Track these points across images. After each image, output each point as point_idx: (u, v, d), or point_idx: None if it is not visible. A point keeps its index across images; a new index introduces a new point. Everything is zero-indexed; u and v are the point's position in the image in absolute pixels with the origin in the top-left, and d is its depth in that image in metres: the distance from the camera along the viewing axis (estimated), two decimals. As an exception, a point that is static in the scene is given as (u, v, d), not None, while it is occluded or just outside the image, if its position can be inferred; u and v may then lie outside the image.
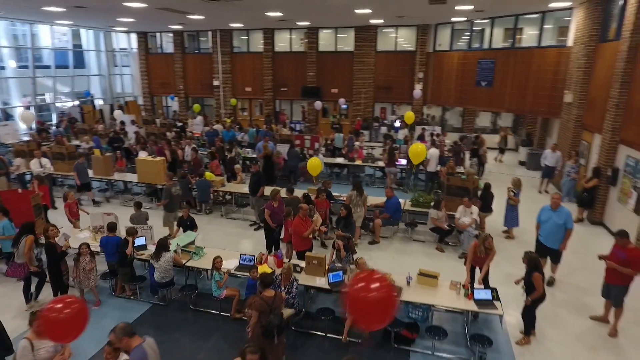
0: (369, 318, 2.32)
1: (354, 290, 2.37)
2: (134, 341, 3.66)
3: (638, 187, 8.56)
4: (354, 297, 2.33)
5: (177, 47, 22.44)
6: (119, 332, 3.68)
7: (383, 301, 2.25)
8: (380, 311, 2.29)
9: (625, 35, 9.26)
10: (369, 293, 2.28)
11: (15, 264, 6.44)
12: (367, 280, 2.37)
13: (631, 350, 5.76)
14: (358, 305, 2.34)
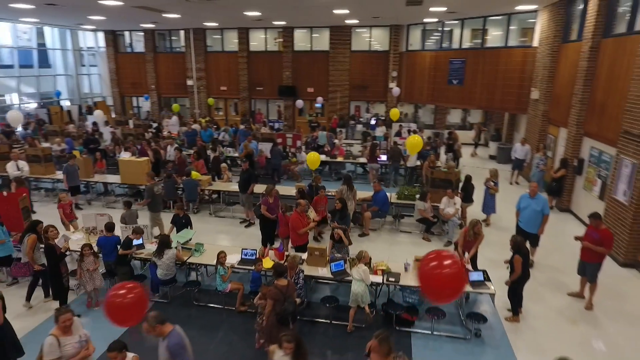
0: (443, 293, 2.57)
1: (429, 268, 2.62)
2: (167, 327, 3.81)
3: (602, 175, 9.35)
4: (429, 275, 2.57)
5: (149, 46, 21.99)
6: (152, 320, 3.81)
7: (455, 276, 2.51)
8: (453, 286, 2.55)
9: (587, 37, 10.07)
10: (443, 270, 2.55)
11: (20, 263, 6.33)
12: (439, 259, 2.63)
13: (606, 321, 6.38)
14: (433, 282, 2.58)
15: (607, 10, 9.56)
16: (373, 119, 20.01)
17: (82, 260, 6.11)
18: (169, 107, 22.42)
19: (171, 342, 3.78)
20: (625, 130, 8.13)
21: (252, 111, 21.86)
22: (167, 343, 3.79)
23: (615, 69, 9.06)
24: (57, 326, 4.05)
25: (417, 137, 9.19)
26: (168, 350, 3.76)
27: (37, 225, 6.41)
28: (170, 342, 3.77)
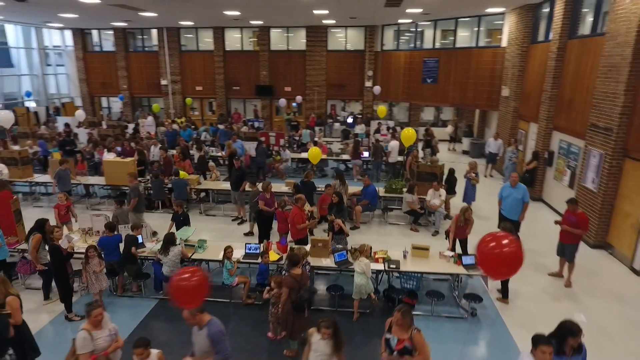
0: (503, 270, 2.86)
1: (489, 248, 2.91)
2: (205, 316, 3.98)
3: (571, 165, 10.15)
4: (489, 255, 2.85)
5: (119, 45, 21.43)
6: (193, 309, 3.96)
7: (515, 254, 2.81)
8: (514, 262, 2.84)
9: (554, 38, 10.86)
10: (503, 249, 2.86)
11: (25, 260, 6.23)
12: (497, 239, 2.93)
13: (583, 297, 7.02)
14: (494, 260, 2.87)
15: (572, 13, 10.37)
16: (350, 117, 20.49)
17: (87, 262, 6.07)
18: (143, 107, 21.99)
19: (212, 330, 3.94)
20: (592, 124, 8.89)
21: (227, 111, 21.77)
22: (207, 332, 3.94)
23: (581, 67, 9.86)
24: (89, 320, 4.11)
25: (411, 129, 9.64)
26: (209, 338, 3.92)
27: (44, 224, 6.32)
28: (210, 330, 3.94)
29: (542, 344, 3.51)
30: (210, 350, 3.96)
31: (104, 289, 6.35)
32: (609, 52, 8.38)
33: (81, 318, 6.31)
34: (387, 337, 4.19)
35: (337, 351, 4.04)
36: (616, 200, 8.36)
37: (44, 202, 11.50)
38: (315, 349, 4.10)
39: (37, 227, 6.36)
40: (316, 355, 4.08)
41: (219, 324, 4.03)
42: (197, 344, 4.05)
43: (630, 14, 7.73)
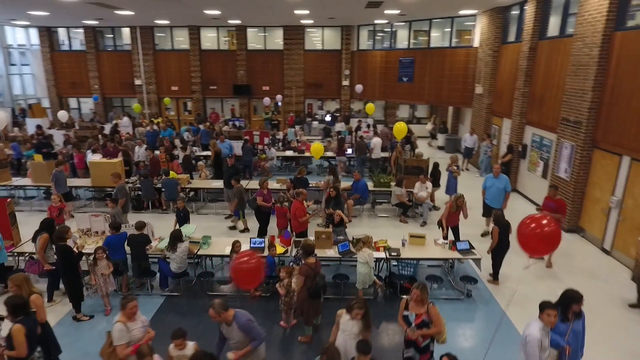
0: (542, 248, 3.24)
1: (530, 229, 3.28)
2: (230, 312, 4.17)
3: (544, 157, 10.94)
4: (531, 235, 3.22)
5: (90, 44, 20.79)
6: (218, 307, 4.14)
7: (553, 233, 3.20)
8: (552, 241, 3.22)
9: (525, 39, 11.64)
10: (543, 228, 3.24)
11: (32, 260, 6.16)
12: (537, 221, 3.31)
13: (563, 275, 7.69)
14: (534, 239, 3.24)
15: (542, 16, 11.16)
16: (328, 115, 20.86)
17: (95, 264, 6.07)
18: (117, 108, 21.47)
19: (241, 321, 4.14)
20: (563, 118, 9.66)
21: (204, 111, 21.62)
22: (236, 325, 4.13)
23: (551, 66, 10.65)
24: (124, 313, 4.22)
25: (403, 123, 10.09)
26: (241, 330, 4.12)
27: (50, 224, 6.26)
28: (240, 322, 4.14)
29: (547, 308, 3.97)
30: (245, 340, 4.17)
31: (109, 292, 6.33)
32: (577, 52, 9.14)
33: (89, 318, 6.32)
34: (405, 315, 4.54)
35: (365, 330, 4.35)
36: (587, 187, 9.14)
37: (23, 205, 11.12)
38: (344, 329, 4.39)
39: (43, 227, 6.31)
40: (344, 335, 4.37)
41: (244, 313, 4.23)
42: (232, 338, 4.22)
43: (595, 19, 8.49)
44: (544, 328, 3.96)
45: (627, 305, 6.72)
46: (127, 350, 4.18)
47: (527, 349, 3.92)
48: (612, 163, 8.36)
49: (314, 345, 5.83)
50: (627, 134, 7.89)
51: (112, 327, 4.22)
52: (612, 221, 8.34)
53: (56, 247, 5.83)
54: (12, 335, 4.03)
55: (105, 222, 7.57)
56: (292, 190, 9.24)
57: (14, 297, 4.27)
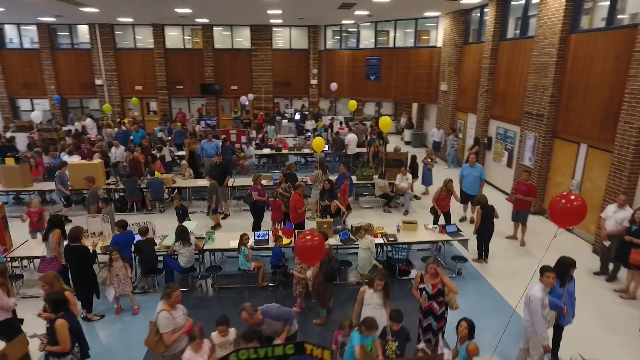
0: (573, 220, 3.82)
1: (562, 204, 3.84)
2: (259, 313, 4.47)
3: (508, 148, 11.99)
4: (562, 209, 3.78)
5: (44, 42, 19.71)
6: (250, 309, 4.41)
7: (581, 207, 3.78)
8: (582, 212, 3.80)
9: (487, 40, 12.65)
10: (574, 202, 3.81)
11: (47, 259, 6.05)
12: (566, 197, 3.89)
13: (535, 252, 8.59)
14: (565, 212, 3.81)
15: (502, 19, 12.20)
16: (297, 113, 21.19)
17: (111, 265, 6.08)
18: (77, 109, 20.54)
19: (272, 314, 4.46)
20: (526, 111, 10.69)
21: (170, 111, 21.20)
22: (269, 320, 4.43)
23: (512, 65, 11.69)
24: (168, 301, 4.38)
25: (388, 118, 10.65)
26: (275, 321, 4.43)
27: (60, 220, 6.21)
28: (272, 315, 4.45)
29: (547, 271, 4.63)
30: (280, 326, 4.50)
31: (128, 293, 6.33)
32: (538, 52, 10.16)
33: (100, 317, 6.30)
34: (421, 287, 5.05)
35: (386, 300, 4.79)
36: (549, 173, 10.20)
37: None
38: (369, 302, 4.82)
39: (53, 224, 6.27)
40: (370, 308, 4.79)
41: (268, 306, 4.57)
42: (267, 330, 4.50)
43: (553, 22, 9.51)
44: (544, 289, 4.61)
45: (592, 274, 7.68)
46: (173, 337, 4.36)
47: (531, 307, 4.55)
48: (571, 151, 9.42)
49: (328, 326, 6.21)
50: (584, 125, 8.95)
51: (157, 316, 4.36)
52: (572, 202, 9.40)
53: (71, 247, 5.78)
54: (57, 330, 4.09)
55: (104, 223, 7.50)
56: (283, 184, 9.54)
57: (54, 293, 4.31)
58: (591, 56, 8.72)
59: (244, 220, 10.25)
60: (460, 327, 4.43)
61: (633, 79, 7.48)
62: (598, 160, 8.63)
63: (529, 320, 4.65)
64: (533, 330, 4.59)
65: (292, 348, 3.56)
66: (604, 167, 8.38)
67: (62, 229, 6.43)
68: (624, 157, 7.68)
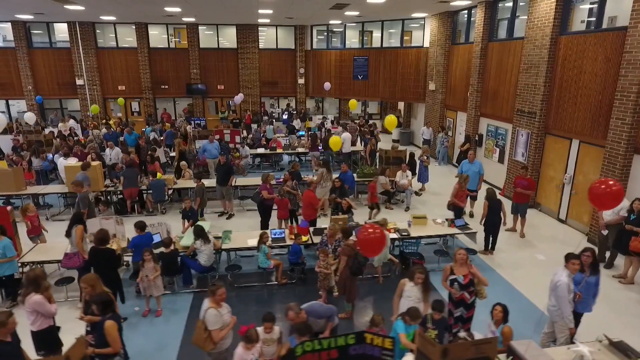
0: (611, 203, 4.13)
1: (602, 189, 4.13)
2: (304, 312, 4.59)
3: (500, 144, 12.49)
4: (602, 194, 4.08)
5: (20, 40, 18.88)
6: (296, 308, 4.55)
7: (620, 190, 4.08)
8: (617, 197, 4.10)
9: (477, 40, 13.12)
10: (611, 187, 4.10)
11: (70, 254, 5.96)
12: (605, 182, 4.19)
13: (535, 242, 9.04)
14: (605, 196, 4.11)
15: (491, 21, 12.69)
16: (285, 113, 21.22)
17: (142, 266, 6.02)
18: (57, 110, 19.84)
19: (317, 311, 4.59)
20: (518, 109, 11.18)
21: (155, 111, 20.77)
22: (313, 318, 4.56)
23: (502, 65, 12.18)
24: (214, 299, 4.42)
25: (393, 116, 10.89)
26: (319, 318, 4.56)
27: (81, 216, 6.12)
28: (316, 313, 4.58)
29: (572, 258, 4.95)
30: (324, 323, 4.62)
31: (155, 295, 6.27)
32: (528, 52, 10.65)
33: (124, 319, 6.20)
34: (452, 278, 5.27)
35: (426, 294, 4.99)
36: (541, 168, 10.72)
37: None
38: (408, 295, 5.00)
39: (75, 220, 6.27)
40: (410, 301, 4.97)
41: (311, 304, 4.71)
42: (317, 327, 4.62)
43: (544, 24, 10.01)
44: (569, 275, 4.93)
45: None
46: (221, 334, 4.40)
47: (558, 292, 4.85)
48: (563, 146, 9.95)
49: (352, 320, 6.37)
50: (576, 122, 9.47)
51: (205, 313, 4.40)
52: (565, 195, 9.94)
53: (98, 250, 5.69)
54: (107, 331, 4.06)
55: (117, 225, 7.39)
56: (289, 182, 9.61)
57: (101, 295, 4.27)
58: (581, 57, 9.25)
59: (249, 219, 10.28)
60: (495, 311, 4.69)
61: (623, 78, 8.00)
62: (590, 155, 9.16)
63: (554, 304, 4.95)
64: (559, 314, 4.89)
65: (353, 338, 3.69)
66: (596, 161, 8.91)
67: (85, 225, 6.34)
68: (616, 151, 8.20)
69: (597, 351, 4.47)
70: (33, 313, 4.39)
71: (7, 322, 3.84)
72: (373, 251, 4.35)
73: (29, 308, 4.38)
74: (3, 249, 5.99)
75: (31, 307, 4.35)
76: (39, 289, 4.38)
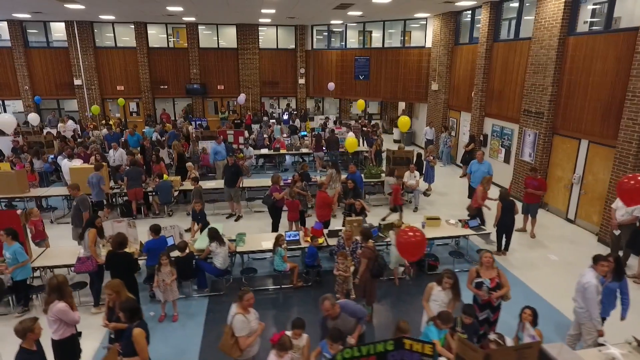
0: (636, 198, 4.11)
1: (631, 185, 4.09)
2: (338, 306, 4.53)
3: (505, 144, 12.51)
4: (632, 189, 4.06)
5: (17, 39, 18.57)
6: (332, 299, 4.48)
7: None
8: None
9: (482, 40, 13.13)
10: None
11: (83, 257, 5.82)
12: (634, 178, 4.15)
13: (546, 242, 9.05)
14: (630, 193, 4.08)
15: (496, 21, 12.71)
16: (285, 113, 21.11)
17: (159, 270, 5.90)
18: (55, 110, 19.55)
19: (351, 308, 4.52)
20: (525, 110, 11.20)
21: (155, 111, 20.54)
22: (346, 314, 4.47)
23: (508, 65, 12.20)
24: (241, 305, 4.33)
25: (406, 117, 10.85)
26: (352, 316, 4.48)
27: (96, 219, 5.99)
28: (350, 310, 4.50)
29: (601, 260, 4.93)
30: (354, 324, 4.55)
31: (171, 300, 6.15)
32: (535, 53, 10.67)
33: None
34: (478, 282, 5.22)
35: (455, 299, 4.93)
36: (549, 168, 10.74)
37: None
38: (435, 299, 4.94)
39: (90, 222, 6.17)
40: (436, 304, 4.92)
41: (345, 302, 4.64)
42: (343, 326, 4.51)
43: (551, 25, 10.03)
44: (597, 276, 4.91)
45: (602, 261, 8.18)
46: (248, 341, 4.31)
47: (587, 294, 4.83)
48: (571, 146, 9.98)
49: (372, 322, 6.31)
50: (585, 122, 9.50)
51: (232, 319, 4.31)
52: (574, 195, 9.97)
53: (116, 254, 5.57)
54: (136, 339, 3.95)
55: (129, 228, 7.25)
56: (299, 183, 9.53)
57: (128, 302, 4.16)
58: (590, 57, 9.27)
59: (258, 221, 10.19)
60: (524, 315, 4.65)
61: (635, 79, 8.03)
62: (599, 155, 9.19)
63: (582, 306, 4.93)
64: (587, 315, 4.88)
65: (392, 344, 3.63)
66: (606, 161, 8.95)
67: (98, 228, 6.22)
68: (628, 151, 8.23)
69: (628, 353, 4.46)
70: (56, 321, 4.27)
71: (34, 327, 3.73)
72: (413, 255, 4.30)
73: (52, 316, 4.25)
74: (13, 254, 5.84)
75: (55, 315, 4.23)
76: (63, 296, 4.26)
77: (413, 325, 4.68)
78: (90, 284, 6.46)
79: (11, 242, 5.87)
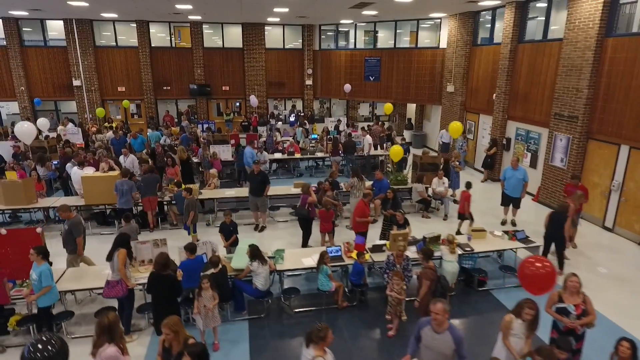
0: None
1: None
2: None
3: (531, 149, 12.14)
4: None
5: (12, 38, 17.69)
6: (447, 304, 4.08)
7: None
8: None
9: (505, 41, 12.74)
10: None
11: (113, 282, 5.24)
12: None
13: (589, 253, 8.63)
14: None
15: (521, 22, 12.32)
16: (292, 115, 20.54)
17: (199, 294, 5.33)
18: (54, 113, 18.71)
19: (457, 333, 4.02)
20: (556, 113, 10.82)
21: (157, 113, 19.79)
22: (451, 335, 3.98)
23: (535, 67, 11.81)
24: (321, 346, 3.81)
25: (458, 123, 10.44)
26: (455, 341, 3.98)
27: (128, 239, 5.40)
28: (455, 334, 4.00)
29: None
30: (451, 355, 4.05)
31: (210, 327, 5.56)
32: (568, 54, 10.29)
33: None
34: (560, 307, 4.76)
35: (531, 330, 4.41)
36: (583, 174, 10.36)
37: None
38: (515, 333, 4.42)
39: (120, 242, 5.58)
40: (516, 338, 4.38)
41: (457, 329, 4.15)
42: (435, 348, 4.04)
43: (588, 26, 9.64)
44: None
45: (651, 271, 7.82)
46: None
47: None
48: (610, 152, 9.61)
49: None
50: (626, 126, 9.14)
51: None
52: (612, 202, 9.61)
53: (159, 276, 4.98)
54: (205, 389, 3.41)
55: (155, 248, 6.64)
56: (330, 192, 9.02)
57: (197, 345, 3.60)
58: (632, 59, 8.91)
59: (283, 232, 9.66)
60: (621, 348, 4.18)
61: (686, 83, 7.68)
62: (643, 161, 8.85)
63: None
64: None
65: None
66: (650, 168, 8.60)
67: (129, 248, 5.62)
68: (678, 158, 7.88)
69: None
70: (106, 368, 3.69)
71: None
72: (541, 289, 3.79)
73: (101, 362, 3.68)
74: (39, 276, 5.21)
75: (105, 361, 3.66)
76: (114, 338, 3.68)
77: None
78: (119, 309, 5.84)
79: (41, 261, 5.25)
